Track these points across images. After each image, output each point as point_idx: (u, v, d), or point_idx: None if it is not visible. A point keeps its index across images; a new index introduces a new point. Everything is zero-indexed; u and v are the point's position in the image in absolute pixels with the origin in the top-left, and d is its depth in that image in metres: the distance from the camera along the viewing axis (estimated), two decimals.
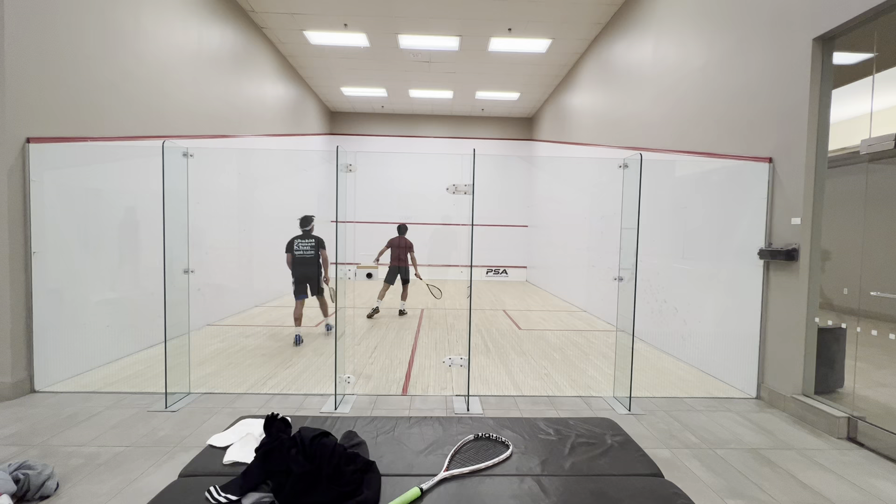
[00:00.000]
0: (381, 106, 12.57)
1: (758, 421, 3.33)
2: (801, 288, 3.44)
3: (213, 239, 6.26)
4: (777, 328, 3.66)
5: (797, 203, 3.49)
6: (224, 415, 3.23)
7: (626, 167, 3.69)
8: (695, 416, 3.38)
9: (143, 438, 2.85)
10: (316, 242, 5.64)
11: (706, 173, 4.63)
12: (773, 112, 3.75)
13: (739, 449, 2.88)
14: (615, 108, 7.11)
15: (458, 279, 12.64)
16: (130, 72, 4.69)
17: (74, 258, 4.00)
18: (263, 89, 8.22)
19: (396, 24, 7.56)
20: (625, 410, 3.46)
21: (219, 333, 5.71)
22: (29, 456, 2.57)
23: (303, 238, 5.60)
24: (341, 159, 3.49)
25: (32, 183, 3.58)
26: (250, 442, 1.73)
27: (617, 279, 3.77)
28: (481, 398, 3.65)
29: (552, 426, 2.04)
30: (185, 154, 3.52)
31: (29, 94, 3.57)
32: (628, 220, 3.67)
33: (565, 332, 6.29)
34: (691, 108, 4.97)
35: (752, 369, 3.85)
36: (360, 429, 1.95)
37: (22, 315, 3.55)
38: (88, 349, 4.13)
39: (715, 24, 4.59)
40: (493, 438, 1.90)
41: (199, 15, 5.97)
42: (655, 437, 3.03)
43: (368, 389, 3.82)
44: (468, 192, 3.54)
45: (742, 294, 4.00)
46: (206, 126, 6.21)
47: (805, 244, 3.43)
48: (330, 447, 1.50)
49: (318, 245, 5.65)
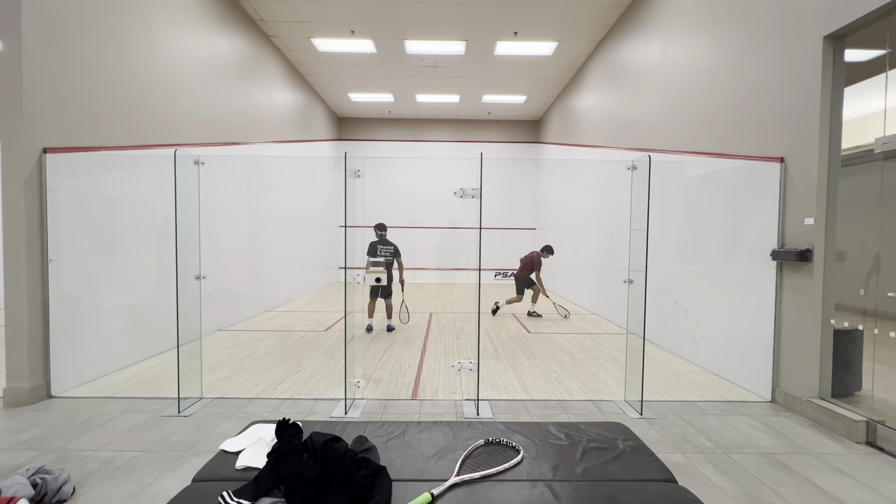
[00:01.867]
0: (388, 111, 12.65)
1: (773, 425, 3.28)
2: (815, 289, 3.39)
3: (223, 245, 6.34)
4: (791, 330, 3.60)
5: (810, 203, 3.43)
6: (235, 419, 3.25)
7: (634, 169, 3.67)
8: (708, 420, 3.34)
9: (157, 443, 2.88)
10: (394, 249, 6.17)
11: (716, 174, 4.59)
12: (784, 111, 3.71)
13: (755, 453, 2.83)
14: (623, 110, 7.08)
15: (466, 283, 12.63)
16: (143, 82, 4.79)
17: (89, 265, 4.07)
18: (272, 97, 8.32)
19: (403, 30, 7.62)
20: (636, 414, 3.42)
21: (230, 338, 5.77)
22: (46, 460, 2.61)
23: (383, 244, 6.11)
24: (349, 165, 3.51)
25: (49, 192, 3.66)
26: (262, 447, 1.74)
27: (627, 281, 3.74)
28: (491, 402, 3.64)
29: (563, 430, 2.02)
30: (196, 162, 3.58)
31: (45, 105, 3.65)
32: (638, 221, 3.64)
33: (575, 335, 6.25)
34: (700, 109, 4.93)
35: (767, 372, 3.79)
36: (370, 433, 1.96)
37: (39, 322, 3.62)
38: (103, 355, 4.20)
39: (723, 23, 4.55)
40: (504, 443, 1.89)
41: (209, 25, 6.07)
42: (668, 441, 2.99)
43: (378, 394, 3.82)
44: (476, 195, 3.54)
45: (755, 295, 3.95)
46: (217, 133, 6.30)
47: (819, 245, 3.38)
48: (341, 452, 1.50)
49: (395, 252, 6.18)
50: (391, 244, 6.19)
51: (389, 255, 6.09)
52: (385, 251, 6.10)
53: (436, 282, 12.94)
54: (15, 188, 3.49)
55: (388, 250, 6.12)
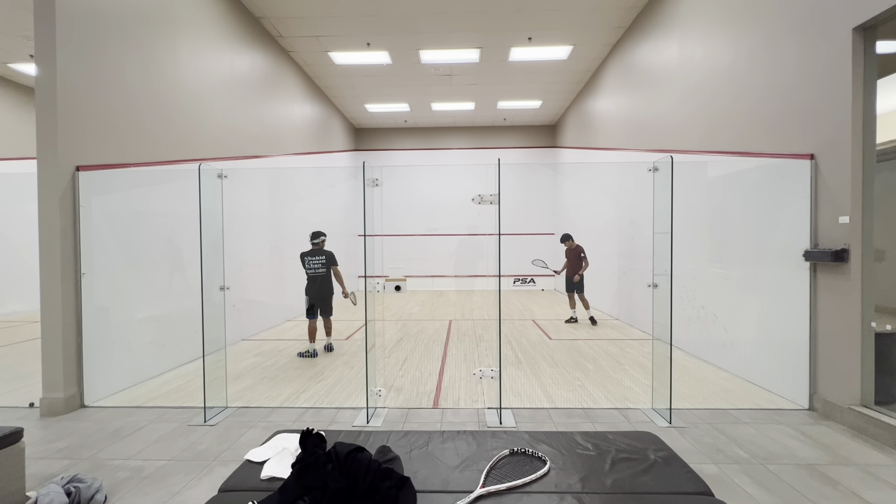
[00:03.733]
0: (405, 120, 12.78)
1: (812, 434, 3.12)
2: (853, 290, 3.23)
3: (247, 255, 6.47)
4: (829, 334, 3.44)
5: (844, 200, 3.29)
6: (260, 428, 3.28)
7: (656, 170, 3.60)
8: (742, 429, 3.20)
9: (184, 452, 2.92)
10: (327, 259, 5.39)
11: (740, 173, 4.45)
12: (812, 107, 3.58)
13: (794, 464, 2.70)
14: (641, 111, 6.97)
15: (485, 289, 12.56)
16: (169, 100, 4.96)
17: (119, 278, 4.20)
18: (291, 110, 8.51)
19: (417, 40, 7.70)
20: (665, 423, 3.31)
21: (253, 348, 5.85)
22: (79, 469, 2.68)
23: (312, 255, 5.37)
24: (368, 174, 3.54)
25: (81, 208, 3.81)
26: (286, 457, 1.74)
27: (651, 286, 3.64)
28: (514, 410, 3.58)
29: (590, 440, 1.97)
30: (219, 175, 3.67)
31: (78, 125, 3.81)
32: (661, 224, 3.55)
33: (598, 341, 6.12)
34: (720, 107, 4.81)
35: (803, 378, 3.62)
36: (393, 443, 1.94)
37: (73, 334, 3.75)
38: (132, 365, 4.32)
39: (742, 20, 4.45)
40: (530, 454, 1.84)
41: (231, 43, 6.27)
42: (700, 451, 2.88)
43: (399, 402, 3.81)
44: (494, 201, 3.52)
45: (787, 298, 3.79)
46: (239, 147, 6.47)
47: (855, 244, 3.23)
48: (365, 463, 1.49)
49: (329, 261, 5.41)
50: (324, 253, 5.41)
51: (321, 268, 5.36)
52: (314, 263, 5.35)
53: (454, 288, 12.92)
54: (50, 205, 3.64)
55: (317, 261, 5.36)
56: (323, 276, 5.40)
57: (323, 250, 5.49)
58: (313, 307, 5.40)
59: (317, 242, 5.49)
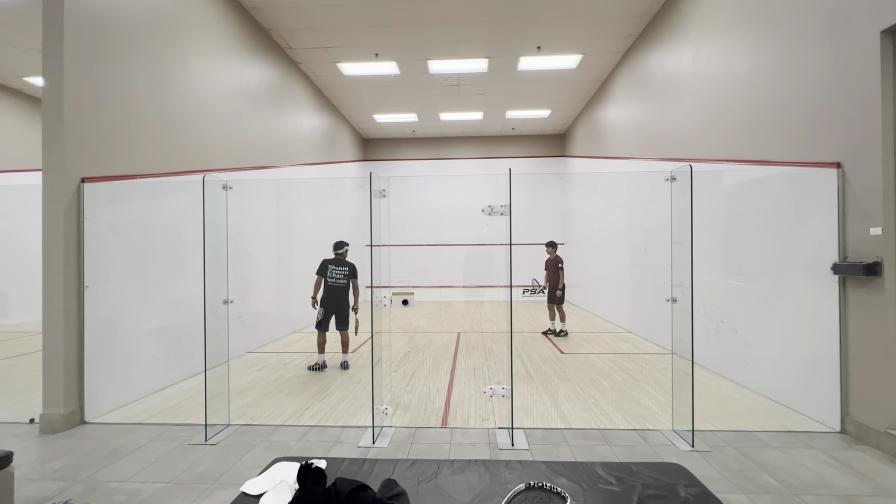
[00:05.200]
0: (413, 130, 12.77)
1: (847, 460, 2.92)
2: (888, 305, 3.04)
3: (253, 266, 6.40)
4: (861, 351, 3.24)
5: (876, 211, 3.12)
6: (261, 448, 3.16)
7: (673, 180, 3.46)
8: (771, 454, 3.00)
9: (183, 474, 2.81)
10: (350, 270, 5.32)
11: (760, 182, 4.29)
12: (837, 113, 3.43)
13: (831, 495, 2.50)
14: (653, 120, 6.83)
15: (495, 300, 12.39)
16: (177, 111, 4.94)
17: (123, 291, 4.13)
18: (300, 121, 8.51)
19: (426, 50, 7.68)
20: (688, 447, 3.12)
21: (258, 361, 5.75)
22: (75, 492, 2.58)
23: (336, 264, 5.30)
24: (375, 185, 3.46)
25: (86, 220, 3.76)
26: (284, 490, 1.62)
27: (670, 300, 3.48)
28: (526, 431, 3.41)
29: (613, 473, 1.81)
30: (224, 186, 3.61)
31: (84, 137, 3.78)
32: (679, 234, 3.40)
33: (612, 355, 5.93)
34: (738, 115, 4.66)
35: (834, 398, 3.41)
36: (399, 475, 1.81)
37: (74, 348, 3.67)
38: (135, 380, 4.23)
39: (759, 26, 4.32)
40: (548, 489, 1.70)
41: (240, 55, 6.28)
42: (727, 479, 2.69)
43: (406, 421, 3.67)
44: (504, 212, 3.41)
45: (814, 313, 3.60)
46: (247, 158, 6.44)
47: (889, 256, 3.05)
48: (368, 502, 1.36)
49: (351, 273, 5.33)
50: (347, 264, 5.33)
51: (343, 279, 5.26)
52: (337, 273, 5.25)
53: (463, 299, 12.76)
54: (54, 217, 3.59)
55: (340, 272, 5.27)
56: (343, 288, 5.30)
57: (346, 261, 5.40)
58: (326, 319, 5.26)
59: (340, 252, 5.41)
